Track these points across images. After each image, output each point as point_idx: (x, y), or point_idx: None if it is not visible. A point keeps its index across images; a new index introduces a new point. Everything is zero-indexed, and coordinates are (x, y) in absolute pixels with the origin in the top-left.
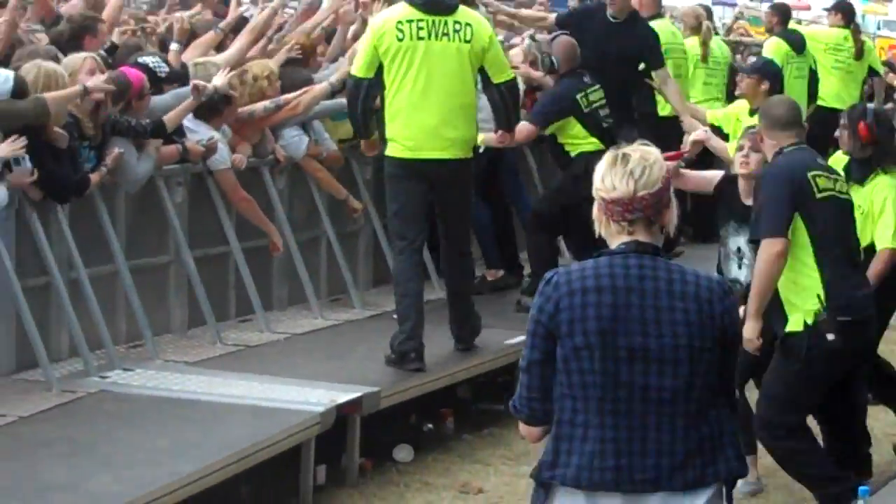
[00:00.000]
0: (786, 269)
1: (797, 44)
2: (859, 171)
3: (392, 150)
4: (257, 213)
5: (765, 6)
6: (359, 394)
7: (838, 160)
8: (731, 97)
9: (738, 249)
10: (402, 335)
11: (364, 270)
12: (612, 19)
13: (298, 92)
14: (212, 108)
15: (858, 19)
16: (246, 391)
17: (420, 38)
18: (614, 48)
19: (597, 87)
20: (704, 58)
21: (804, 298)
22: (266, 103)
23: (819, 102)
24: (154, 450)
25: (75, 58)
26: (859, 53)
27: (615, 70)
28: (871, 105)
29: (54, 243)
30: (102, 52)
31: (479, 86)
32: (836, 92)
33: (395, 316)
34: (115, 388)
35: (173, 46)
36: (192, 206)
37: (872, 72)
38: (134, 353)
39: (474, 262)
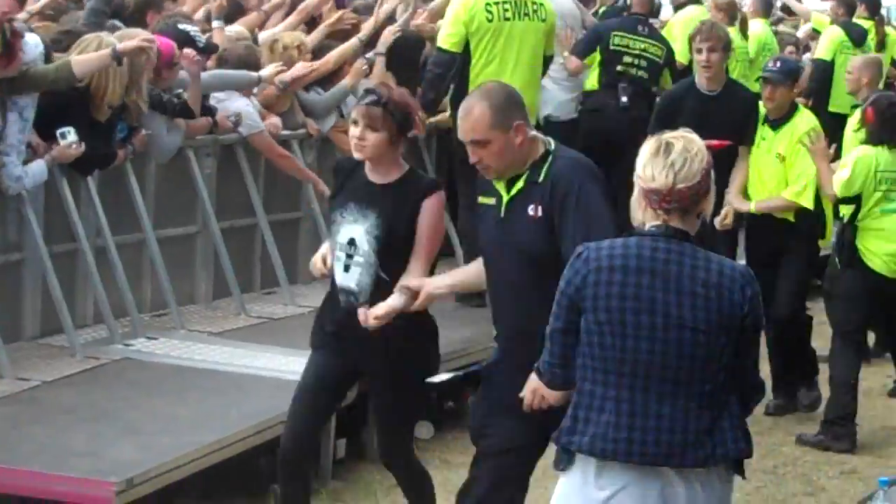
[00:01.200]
0: None
1: (857, 37)
2: None
3: None
4: (298, 167)
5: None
6: None
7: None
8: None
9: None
10: None
11: None
12: (707, 93)
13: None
14: (241, 69)
15: (885, 10)
16: (269, 363)
17: (507, 19)
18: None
19: (646, 38)
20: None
21: None
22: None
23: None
24: (176, 418)
25: (131, 32)
26: (881, 45)
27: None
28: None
29: (83, 210)
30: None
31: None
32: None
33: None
34: (139, 357)
35: (215, 24)
36: (220, 178)
37: (894, 63)
38: (158, 322)
39: None
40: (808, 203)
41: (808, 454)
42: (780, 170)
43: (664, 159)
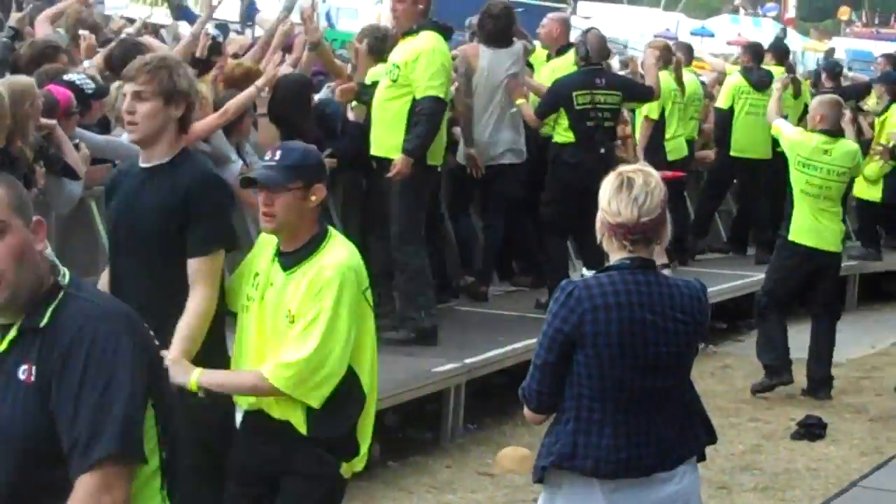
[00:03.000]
0: None
1: (757, 82)
2: None
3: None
4: None
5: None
6: None
7: None
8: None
9: None
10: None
11: None
12: None
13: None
14: None
15: (798, 56)
16: None
17: None
18: None
19: (604, 90)
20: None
21: None
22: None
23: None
24: None
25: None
26: (797, 92)
27: None
28: None
29: None
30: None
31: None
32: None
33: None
34: None
35: (85, 63)
36: None
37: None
38: None
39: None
40: None
41: (713, 499)
42: None
43: (627, 194)
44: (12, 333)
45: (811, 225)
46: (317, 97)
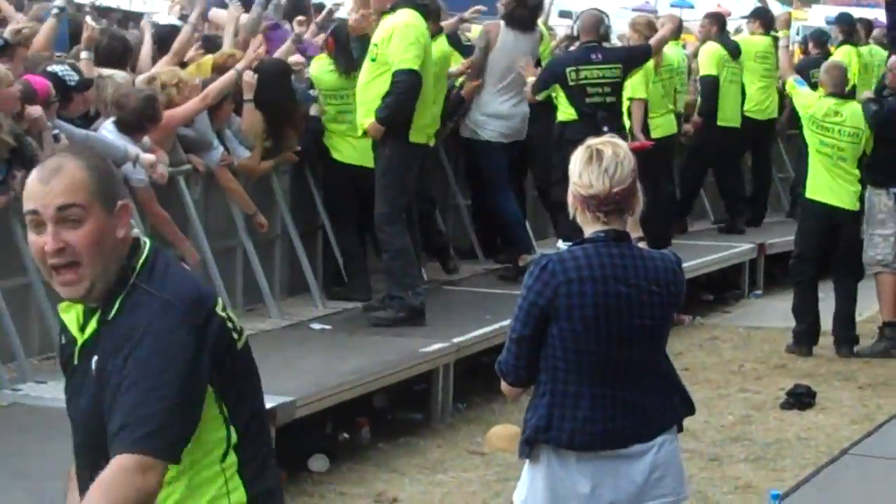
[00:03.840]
0: None
1: (733, 50)
2: None
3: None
4: (171, 229)
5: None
6: (273, 404)
7: None
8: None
9: None
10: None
11: (281, 279)
12: None
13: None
14: (135, 123)
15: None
16: None
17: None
18: None
19: (601, 65)
20: (657, 66)
21: None
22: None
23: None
24: (66, 462)
25: None
26: None
27: None
28: None
29: None
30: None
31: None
32: (757, 101)
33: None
34: (28, 401)
35: (83, 55)
36: None
37: None
38: (47, 366)
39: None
40: None
41: (704, 471)
42: None
43: (598, 166)
44: (93, 325)
45: (827, 183)
46: None
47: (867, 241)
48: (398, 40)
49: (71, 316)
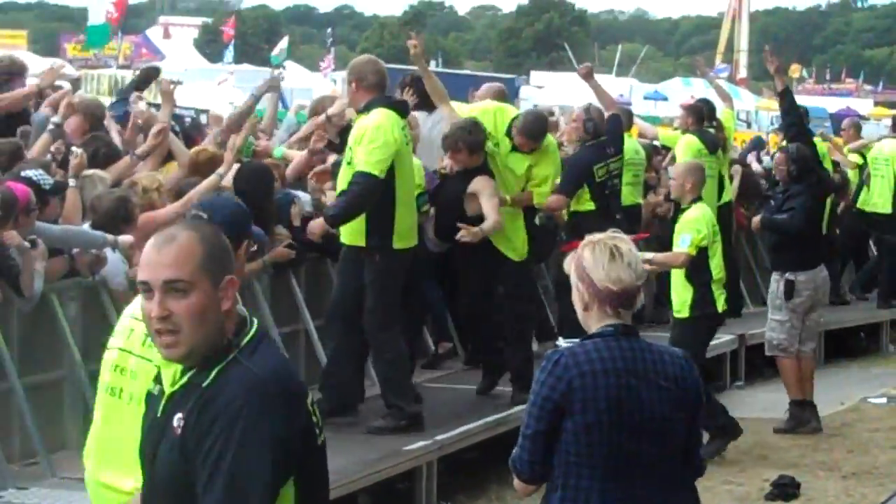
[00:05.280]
0: None
1: (710, 143)
2: None
3: None
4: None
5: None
6: None
7: None
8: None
9: None
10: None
11: None
12: None
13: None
14: (109, 224)
15: (752, 115)
16: None
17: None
18: None
19: (612, 157)
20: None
21: None
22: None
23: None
24: None
25: None
26: (723, 150)
27: None
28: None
29: None
30: None
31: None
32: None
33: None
34: None
35: (72, 182)
36: (85, 320)
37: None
38: (28, 472)
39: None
40: None
41: None
42: None
43: (622, 261)
44: (184, 380)
45: None
46: None
47: (767, 324)
48: (366, 142)
49: (169, 371)
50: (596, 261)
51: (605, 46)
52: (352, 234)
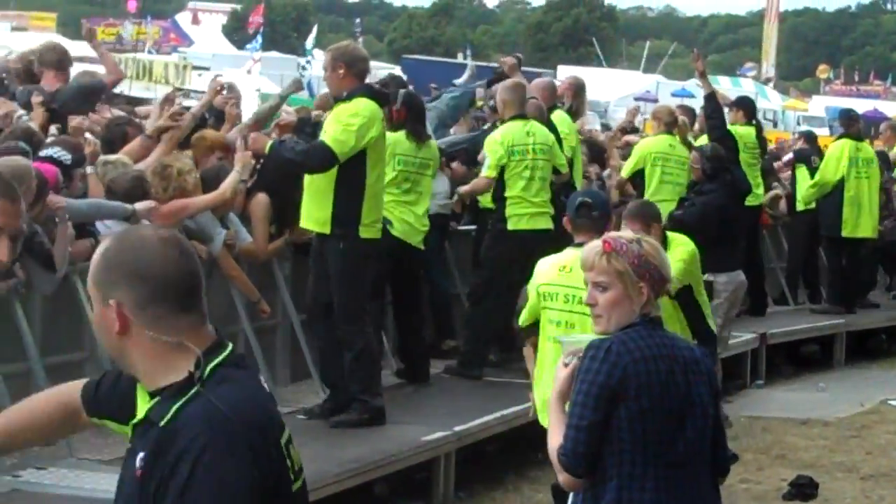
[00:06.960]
0: None
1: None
2: None
3: None
4: None
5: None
6: None
7: None
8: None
9: None
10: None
11: (282, 366)
12: None
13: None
14: (128, 203)
15: (779, 115)
16: None
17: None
18: None
19: None
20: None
21: None
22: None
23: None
24: None
25: None
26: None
27: None
28: None
29: None
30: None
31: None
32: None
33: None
34: (28, 487)
35: (89, 170)
36: None
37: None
38: (47, 451)
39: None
40: None
41: None
42: None
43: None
44: (141, 414)
45: None
46: None
47: None
48: (343, 121)
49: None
50: (657, 252)
51: (633, 43)
52: (317, 221)
